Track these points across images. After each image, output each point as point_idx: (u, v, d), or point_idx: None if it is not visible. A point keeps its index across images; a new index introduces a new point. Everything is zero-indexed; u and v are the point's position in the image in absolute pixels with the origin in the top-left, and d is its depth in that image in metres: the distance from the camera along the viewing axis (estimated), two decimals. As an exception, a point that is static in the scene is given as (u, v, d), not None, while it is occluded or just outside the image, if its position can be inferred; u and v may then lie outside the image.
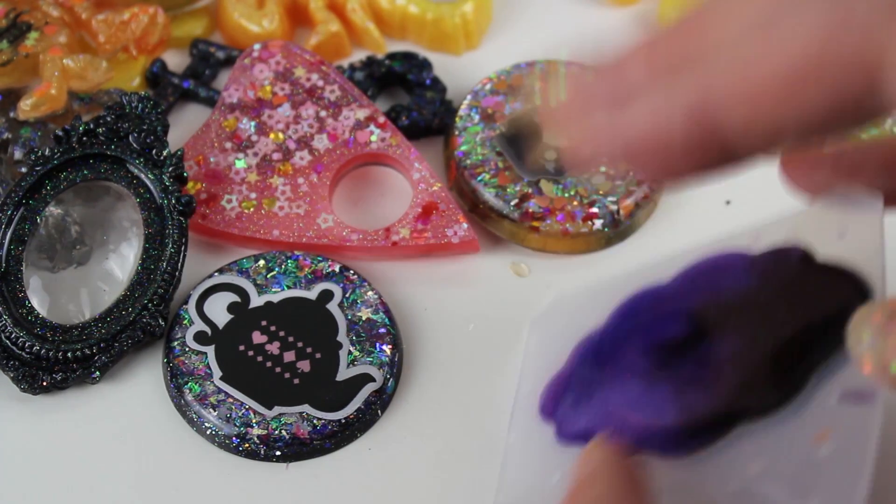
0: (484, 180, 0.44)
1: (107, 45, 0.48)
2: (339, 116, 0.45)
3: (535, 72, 0.47)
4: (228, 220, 0.43)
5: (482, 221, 0.44)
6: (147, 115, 0.43)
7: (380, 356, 0.40)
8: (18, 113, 0.45)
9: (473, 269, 0.44)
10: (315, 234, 0.43)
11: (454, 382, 0.40)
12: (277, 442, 0.38)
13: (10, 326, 0.40)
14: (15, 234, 0.42)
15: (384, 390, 0.39)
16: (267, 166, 0.44)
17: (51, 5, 0.47)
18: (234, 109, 0.46)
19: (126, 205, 0.43)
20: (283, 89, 0.46)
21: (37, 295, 0.41)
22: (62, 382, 0.39)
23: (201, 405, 0.39)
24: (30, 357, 0.40)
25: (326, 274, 0.42)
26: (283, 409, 0.38)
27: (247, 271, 0.42)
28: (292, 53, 0.47)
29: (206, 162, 0.44)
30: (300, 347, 0.40)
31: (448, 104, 0.48)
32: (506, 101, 0.46)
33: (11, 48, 0.46)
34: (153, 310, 0.40)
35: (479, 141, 0.45)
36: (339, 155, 0.45)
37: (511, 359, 0.41)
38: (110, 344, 0.40)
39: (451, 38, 0.50)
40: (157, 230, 0.42)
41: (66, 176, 0.42)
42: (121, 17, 0.48)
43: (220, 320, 0.41)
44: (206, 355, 0.40)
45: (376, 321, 0.41)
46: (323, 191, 0.44)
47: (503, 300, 0.42)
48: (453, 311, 0.42)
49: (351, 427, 0.39)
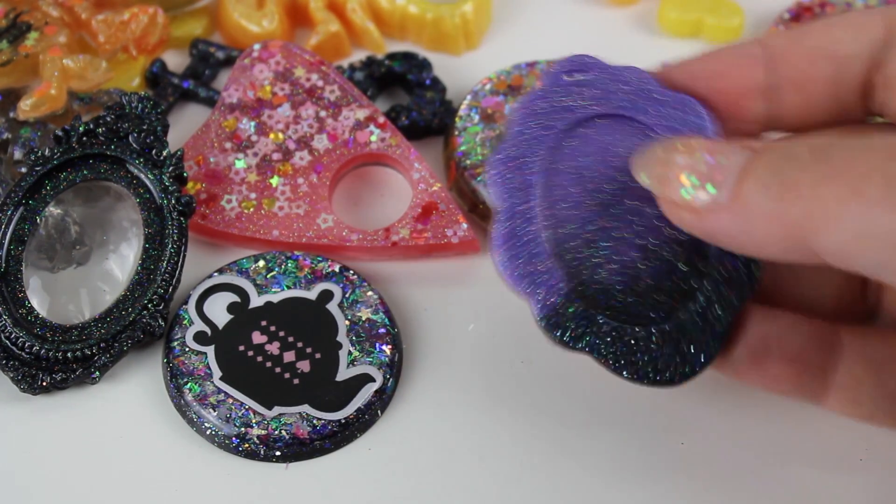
0: (484, 180, 0.44)
1: (107, 45, 0.48)
2: (338, 116, 0.45)
3: (535, 72, 0.47)
4: (228, 221, 0.43)
5: (482, 221, 0.44)
6: (147, 115, 0.43)
7: (380, 356, 0.40)
8: (18, 113, 0.45)
9: (473, 269, 0.44)
10: (315, 234, 0.43)
11: (454, 382, 0.40)
12: (277, 442, 0.38)
13: (10, 326, 0.40)
14: (15, 234, 0.42)
15: (384, 390, 0.39)
16: (267, 166, 0.44)
17: (51, 5, 0.47)
18: (234, 109, 0.46)
19: (126, 205, 0.43)
20: (283, 89, 0.46)
21: (37, 295, 0.41)
22: (62, 382, 0.39)
23: (201, 405, 0.39)
24: (30, 357, 0.40)
25: (326, 274, 0.42)
26: (283, 410, 0.38)
27: (247, 271, 0.42)
28: (292, 53, 0.47)
29: (205, 162, 0.45)
30: (300, 347, 0.40)
31: (448, 104, 0.48)
32: (506, 101, 0.46)
33: (11, 48, 0.46)
34: (153, 310, 0.40)
35: (479, 141, 0.45)
36: (339, 155, 0.45)
37: (511, 358, 0.41)
38: (110, 344, 0.40)
39: (451, 39, 0.50)
40: (156, 230, 0.42)
41: (65, 176, 0.42)
42: (121, 18, 0.48)
43: (220, 320, 0.41)
44: (206, 355, 0.40)
45: (376, 321, 0.41)
46: (323, 191, 0.44)
47: (503, 300, 0.42)
48: (453, 311, 0.42)
49: (351, 427, 0.39)
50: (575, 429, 0.39)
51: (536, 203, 0.35)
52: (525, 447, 0.38)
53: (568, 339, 0.34)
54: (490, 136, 0.45)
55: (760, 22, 0.51)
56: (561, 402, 0.39)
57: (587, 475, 0.38)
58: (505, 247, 0.35)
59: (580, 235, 0.35)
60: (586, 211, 0.35)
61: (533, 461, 0.38)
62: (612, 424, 0.39)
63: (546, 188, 0.35)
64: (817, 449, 0.38)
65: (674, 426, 0.39)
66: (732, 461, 0.38)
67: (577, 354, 0.34)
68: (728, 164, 0.30)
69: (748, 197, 0.30)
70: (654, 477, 0.38)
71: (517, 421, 0.39)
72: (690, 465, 0.38)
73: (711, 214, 0.31)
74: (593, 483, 0.37)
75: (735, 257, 0.34)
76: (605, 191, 0.35)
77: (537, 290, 0.34)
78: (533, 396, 0.40)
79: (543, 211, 0.35)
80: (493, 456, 0.38)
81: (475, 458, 0.38)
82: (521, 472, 0.38)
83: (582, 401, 0.39)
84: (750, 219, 0.30)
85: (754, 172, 0.30)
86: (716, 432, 0.39)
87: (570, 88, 0.35)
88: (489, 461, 0.38)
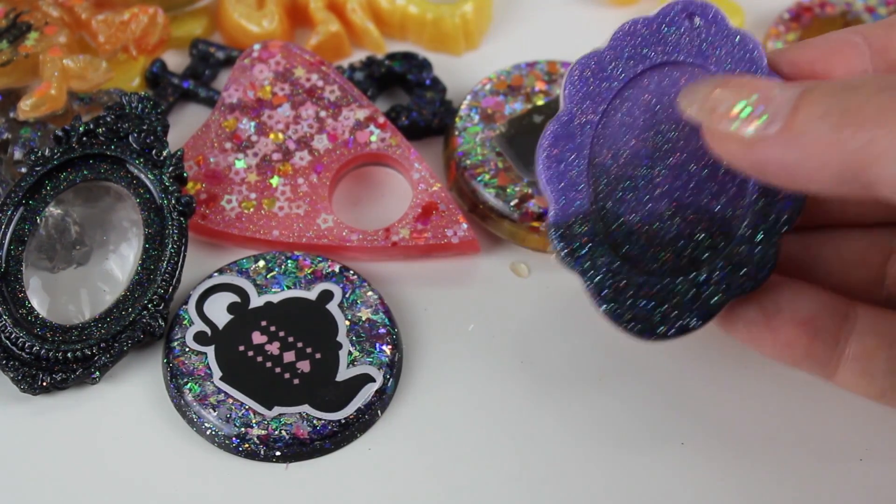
0: (484, 180, 0.44)
1: (107, 45, 0.48)
2: (338, 117, 0.45)
3: (535, 72, 0.47)
4: (228, 221, 0.43)
5: (482, 222, 0.44)
6: (147, 116, 0.43)
7: (380, 356, 0.40)
8: (18, 113, 0.45)
9: (473, 269, 0.44)
10: (315, 234, 0.43)
11: (454, 382, 0.40)
12: (277, 442, 0.38)
13: (10, 327, 0.40)
14: (15, 235, 0.42)
15: (384, 390, 0.39)
16: (267, 166, 0.44)
17: (51, 5, 0.47)
18: (234, 110, 0.46)
19: (126, 205, 0.43)
20: (283, 89, 0.46)
21: (37, 295, 0.41)
22: (62, 382, 0.39)
23: (201, 405, 0.39)
24: (30, 357, 0.40)
25: (326, 274, 0.42)
26: (283, 410, 0.38)
27: (247, 271, 0.42)
28: (292, 54, 0.47)
29: (205, 162, 0.45)
30: (300, 348, 0.40)
31: (448, 104, 0.48)
32: (506, 101, 0.46)
33: (11, 48, 0.46)
34: (153, 310, 0.40)
35: (479, 141, 0.45)
36: (339, 155, 0.45)
37: (511, 358, 0.41)
38: (110, 344, 0.40)
39: (451, 39, 0.50)
40: (156, 230, 0.42)
41: (65, 176, 0.42)
42: (121, 18, 0.48)
43: (220, 320, 0.41)
44: (206, 355, 0.40)
45: (376, 321, 0.41)
46: (323, 191, 0.44)
47: (503, 300, 0.42)
48: (453, 311, 0.42)
49: (351, 427, 0.39)
50: (575, 428, 0.39)
51: (597, 119, 0.36)
52: (525, 447, 0.38)
53: (566, 254, 0.35)
54: (490, 136, 0.45)
55: (760, 22, 0.51)
56: (561, 402, 0.39)
57: (587, 475, 0.38)
58: (551, 144, 0.36)
59: (621, 170, 0.36)
60: (636, 150, 0.36)
61: (532, 461, 0.38)
62: (612, 424, 0.39)
63: (610, 113, 0.36)
64: (817, 449, 0.38)
65: (674, 426, 0.39)
66: (732, 461, 0.38)
67: (569, 271, 0.35)
68: (782, 96, 0.30)
69: (805, 125, 0.29)
70: (654, 477, 0.38)
71: (517, 421, 0.39)
72: (690, 466, 0.38)
73: (762, 144, 0.30)
74: (594, 483, 0.37)
75: (756, 245, 0.34)
76: (660, 139, 0.36)
77: (561, 197, 0.35)
78: (533, 396, 0.40)
79: (599, 130, 0.36)
80: (493, 455, 0.38)
81: (475, 457, 0.38)
82: (521, 471, 0.38)
83: (582, 401, 0.39)
84: (805, 147, 0.29)
85: (812, 102, 0.30)
86: (716, 432, 0.39)
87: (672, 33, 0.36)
88: (489, 461, 0.38)
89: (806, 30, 0.50)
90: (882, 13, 0.50)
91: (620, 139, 0.36)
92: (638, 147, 0.36)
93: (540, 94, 0.46)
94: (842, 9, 0.50)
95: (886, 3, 0.50)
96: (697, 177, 0.35)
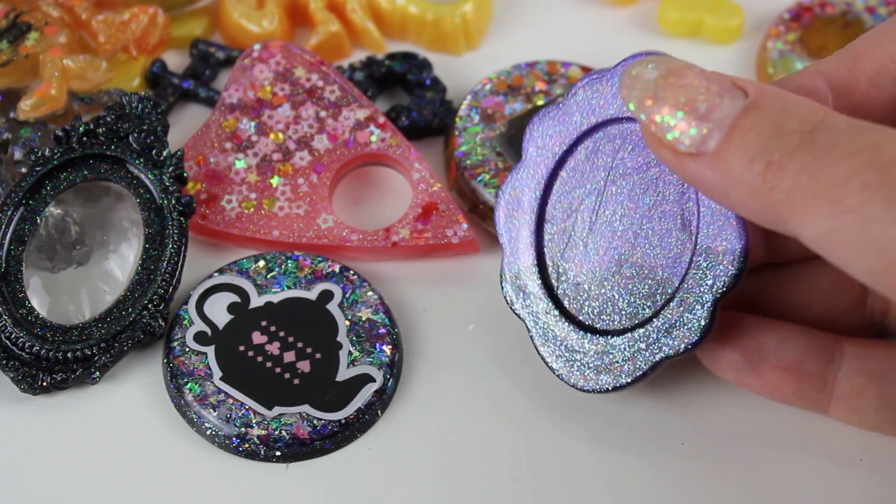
0: (484, 181, 0.44)
1: (107, 45, 0.48)
2: (339, 117, 0.45)
3: (535, 72, 0.47)
4: (228, 221, 0.43)
5: (482, 222, 0.44)
6: (147, 116, 0.43)
7: (380, 356, 0.40)
8: (18, 113, 0.45)
9: (473, 269, 0.44)
10: (315, 234, 0.43)
11: (454, 382, 0.40)
12: (277, 442, 0.38)
13: (10, 327, 0.40)
14: (15, 235, 0.42)
15: (384, 390, 0.39)
16: (267, 166, 0.44)
17: (51, 5, 0.47)
18: (234, 110, 0.46)
19: (126, 205, 0.43)
20: (283, 89, 0.46)
21: (37, 295, 0.41)
22: (62, 383, 0.39)
23: (201, 405, 0.39)
24: (30, 357, 0.40)
25: (326, 274, 0.42)
26: (283, 410, 0.38)
27: (247, 271, 0.42)
28: (292, 54, 0.47)
29: (206, 162, 0.45)
30: (300, 348, 0.40)
31: (448, 104, 0.48)
32: (506, 101, 0.46)
33: (11, 48, 0.46)
34: (153, 310, 0.40)
35: (479, 141, 0.45)
36: (339, 155, 0.45)
37: (511, 358, 0.41)
38: (110, 344, 0.40)
39: (451, 39, 0.50)
40: (157, 230, 0.42)
41: (66, 176, 0.42)
42: (121, 18, 0.48)
43: (220, 320, 0.41)
44: (206, 355, 0.40)
45: (376, 321, 0.41)
46: (323, 191, 0.44)
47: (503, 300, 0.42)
48: (453, 311, 0.42)
49: (351, 427, 0.39)
50: (575, 429, 0.39)
51: (551, 170, 0.37)
52: (525, 447, 0.38)
53: (512, 304, 0.38)
54: (490, 136, 0.45)
55: (760, 22, 0.51)
56: (561, 402, 0.39)
57: (587, 475, 0.38)
58: (509, 194, 0.38)
59: (567, 223, 0.37)
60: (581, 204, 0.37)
61: (532, 461, 0.38)
62: (611, 424, 0.39)
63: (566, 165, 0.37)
64: (817, 450, 0.38)
65: (674, 426, 0.39)
66: (732, 462, 0.38)
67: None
68: (726, 107, 0.29)
69: (731, 162, 0.29)
70: (654, 477, 0.38)
71: (517, 421, 0.39)
72: (690, 465, 0.38)
73: (695, 162, 0.30)
74: (593, 483, 0.37)
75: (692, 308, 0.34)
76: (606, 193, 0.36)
77: (512, 247, 0.38)
78: (533, 396, 0.40)
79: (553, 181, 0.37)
80: (493, 456, 0.38)
81: (475, 457, 0.38)
82: (521, 471, 0.38)
83: (582, 401, 0.39)
84: (733, 182, 0.29)
85: (742, 138, 0.29)
86: (716, 433, 0.39)
87: None
88: (489, 461, 0.38)
89: (806, 30, 0.50)
90: (882, 13, 0.50)
91: (571, 192, 0.37)
92: (583, 201, 0.36)
93: (540, 94, 0.46)
94: (842, 9, 0.50)
95: (886, 2, 0.50)
96: (641, 234, 0.35)
